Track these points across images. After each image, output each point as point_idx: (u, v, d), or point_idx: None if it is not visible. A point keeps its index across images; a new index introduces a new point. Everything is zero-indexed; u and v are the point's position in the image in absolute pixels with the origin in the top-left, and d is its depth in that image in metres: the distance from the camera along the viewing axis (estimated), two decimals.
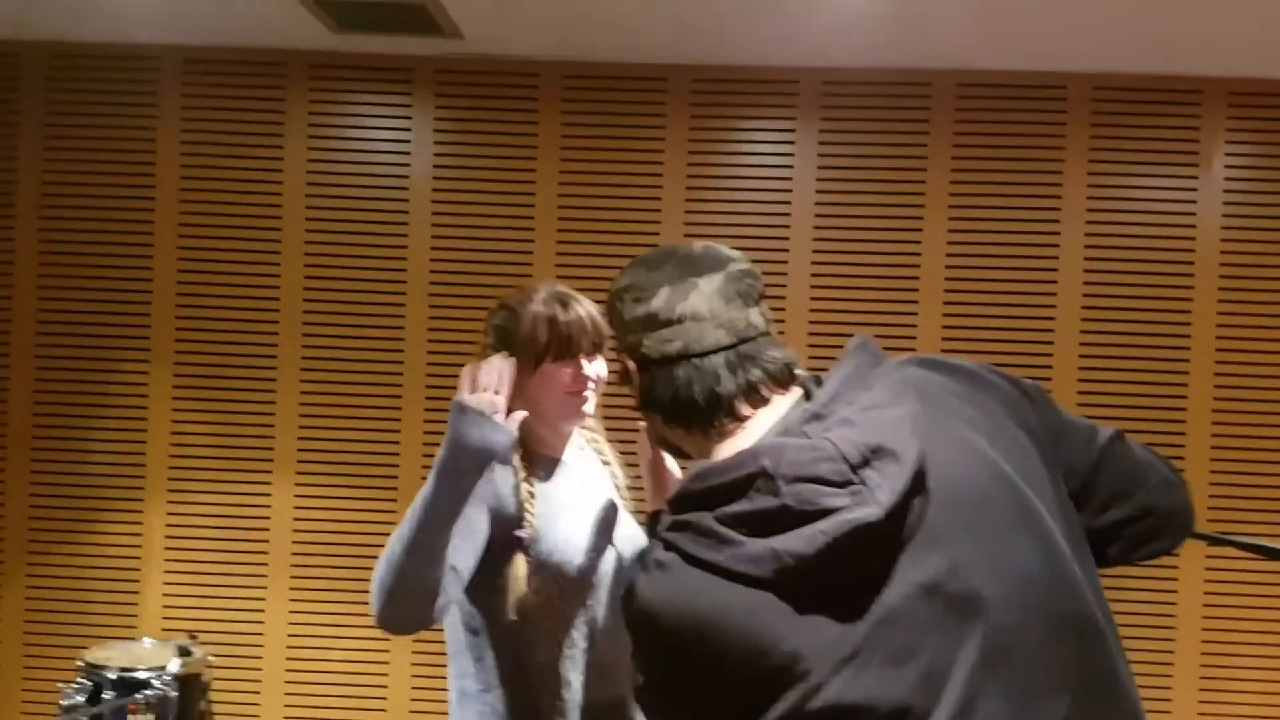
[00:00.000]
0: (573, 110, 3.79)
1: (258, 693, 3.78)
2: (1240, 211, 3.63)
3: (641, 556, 1.26)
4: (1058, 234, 3.67)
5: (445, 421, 1.64)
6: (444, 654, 1.91)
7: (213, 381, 3.82)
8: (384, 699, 3.76)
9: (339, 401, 3.78)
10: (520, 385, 1.81)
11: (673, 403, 1.26)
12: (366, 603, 1.66)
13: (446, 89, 3.81)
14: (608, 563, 1.90)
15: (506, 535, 1.78)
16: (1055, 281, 3.67)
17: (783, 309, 3.72)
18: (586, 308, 1.89)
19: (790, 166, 3.75)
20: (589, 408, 1.90)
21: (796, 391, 1.27)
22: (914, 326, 3.70)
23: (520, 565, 1.76)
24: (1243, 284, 3.63)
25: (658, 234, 3.75)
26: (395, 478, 3.76)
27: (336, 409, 3.78)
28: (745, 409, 1.24)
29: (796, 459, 1.11)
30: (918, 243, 3.69)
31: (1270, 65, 3.51)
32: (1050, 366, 3.65)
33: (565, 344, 1.86)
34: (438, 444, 1.65)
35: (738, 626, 1.10)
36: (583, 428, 2.01)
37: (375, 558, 1.65)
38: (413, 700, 3.75)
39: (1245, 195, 3.63)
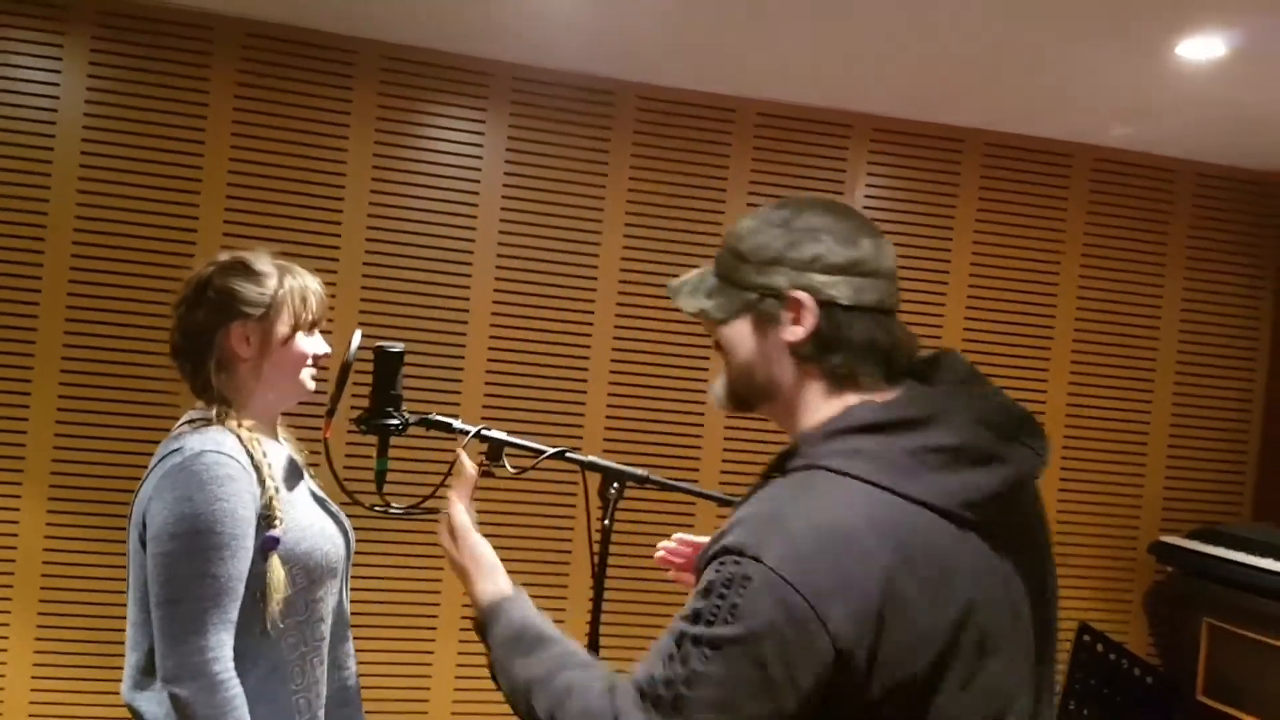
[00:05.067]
0: (251, 71, 3.59)
1: None
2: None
3: (788, 486, 1.18)
4: (719, 234, 3.95)
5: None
6: None
7: None
8: None
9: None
10: (260, 357, 1.75)
11: (860, 348, 1.23)
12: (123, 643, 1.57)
13: (107, 32, 3.48)
14: (340, 538, 1.84)
15: (259, 540, 1.66)
16: None
17: (467, 297, 3.76)
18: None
19: (480, 156, 3.79)
20: (312, 384, 1.85)
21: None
22: (591, 314, 3.87)
23: (277, 568, 1.66)
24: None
25: (341, 210, 3.66)
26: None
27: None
28: (904, 377, 1.26)
29: (977, 406, 1.20)
30: (597, 241, 3.86)
31: (908, 108, 4.01)
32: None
33: (317, 318, 1.82)
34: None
35: (923, 548, 1.12)
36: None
37: None
38: None
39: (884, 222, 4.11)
